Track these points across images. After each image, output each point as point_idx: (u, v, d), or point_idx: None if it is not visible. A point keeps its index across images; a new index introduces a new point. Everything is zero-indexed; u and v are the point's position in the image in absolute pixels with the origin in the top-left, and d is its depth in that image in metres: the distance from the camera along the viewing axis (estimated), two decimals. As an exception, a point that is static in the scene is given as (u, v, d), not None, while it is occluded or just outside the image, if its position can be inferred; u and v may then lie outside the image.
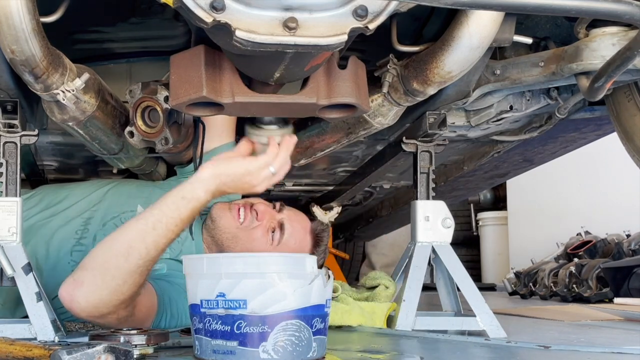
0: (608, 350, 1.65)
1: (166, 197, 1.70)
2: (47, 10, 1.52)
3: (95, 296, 1.64)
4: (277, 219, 2.08)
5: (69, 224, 2.16)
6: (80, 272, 1.67)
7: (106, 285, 1.64)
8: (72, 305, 1.66)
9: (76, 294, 1.65)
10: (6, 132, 1.81)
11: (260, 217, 2.07)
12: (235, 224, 2.08)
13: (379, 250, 6.34)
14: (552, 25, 1.93)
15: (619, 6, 1.21)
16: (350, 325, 2.10)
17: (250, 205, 2.10)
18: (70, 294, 1.65)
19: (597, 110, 2.25)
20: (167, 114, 1.82)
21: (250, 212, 2.08)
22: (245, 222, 2.07)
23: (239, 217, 2.08)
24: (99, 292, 1.64)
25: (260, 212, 2.07)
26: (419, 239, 2.07)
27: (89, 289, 1.64)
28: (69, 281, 1.67)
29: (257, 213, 2.07)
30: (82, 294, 1.64)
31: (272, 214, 2.09)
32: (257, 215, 2.07)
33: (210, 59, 1.48)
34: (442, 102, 1.94)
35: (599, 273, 4.01)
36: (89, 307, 1.65)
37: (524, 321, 2.66)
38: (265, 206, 2.10)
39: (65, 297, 1.66)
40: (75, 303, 1.65)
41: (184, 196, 1.69)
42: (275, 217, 2.09)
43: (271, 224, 2.07)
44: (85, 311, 1.66)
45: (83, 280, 1.65)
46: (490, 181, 3.44)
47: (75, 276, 1.67)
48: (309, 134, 2.07)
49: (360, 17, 1.26)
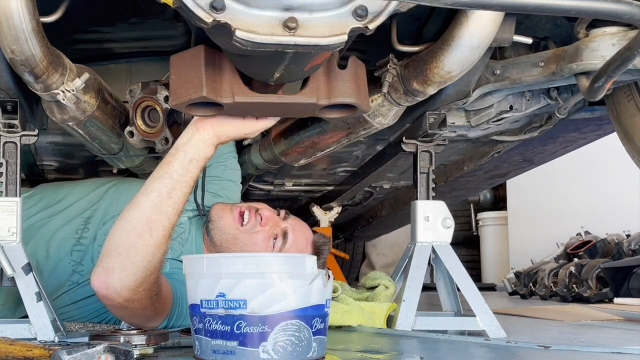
0: (608, 350, 1.65)
1: (171, 164, 1.69)
2: (47, 10, 1.52)
3: (130, 278, 1.64)
4: (281, 227, 2.07)
5: (69, 223, 2.15)
6: (107, 260, 1.65)
7: (137, 266, 1.64)
8: (108, 292, 1.65)
9: (110, 280, 1.64)
10: (6, 132, 1.81)
11: (264, 223, 2.06)
12: (235, 226, 2.07)
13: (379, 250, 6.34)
14: (552, 25, 1.93)
15: (619, 6, 1.21)
16: (350, 325, 2.10)
17: (255, 209, 2.09)
18: (105, 282, 1.64)
19: (597, 110, 2.25)
20: (167, 114, 1.82)
21: (255, 216, 2.07)
22: (247, 225, 2.06)
23: (241, 220, 2.07)
24: (132, 274, 1.64)
25: (265, 217, 2.06)
26: (419, 239, 2.07)
27: (122, 273, 1.63)
28: (98, 271, 1.65)
29: (261, 218, 2.06)
30: (116, 280, 1.63)
31: (276, 221, 2.08)
32: (262, 220, 2.06)
33: (210, 59, 1.48)
34: (442, 102, 1.94)
35: (599, 273, 4.01)
36: (125, 291, 1.65)
37: (524, 321, 2.66)
38: (270, 212, 2.09)
39: (99, 287, 1.65)
40: (111, 289, 1.64)
41: (192, 158, 1.68)
42: (279, 224, 2.07)
43: (274, 231, 2.06)
44: (122, 295, 1.65)
45: (113, 267, 1.64)
46: (490, 181, 3.44)
47: (104, 264, 1.65)
48: (309, 134, 2.07)
49: (360, 17, 1.26)
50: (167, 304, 1.84)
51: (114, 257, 1.64)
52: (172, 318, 1.88)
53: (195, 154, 1.69)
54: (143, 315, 1.77)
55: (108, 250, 1.67)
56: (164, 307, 1.82)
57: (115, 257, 1.64)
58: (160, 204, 1.66)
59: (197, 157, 1.69)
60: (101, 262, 1.66)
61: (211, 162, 2.23)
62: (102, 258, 1.67)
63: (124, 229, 1.67)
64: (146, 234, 1.64)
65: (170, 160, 1.69)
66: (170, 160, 1.69)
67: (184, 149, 1.69)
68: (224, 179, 2.37)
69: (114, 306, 1.70)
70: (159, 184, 1.68)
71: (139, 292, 1.66)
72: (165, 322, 1.88)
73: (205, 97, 1.47)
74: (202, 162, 1.70)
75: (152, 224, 1.65)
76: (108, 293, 1.65)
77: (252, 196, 3.43)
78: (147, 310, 1.75)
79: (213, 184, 2.31)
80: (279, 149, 2.23)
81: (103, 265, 1.65)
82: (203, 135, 1.69)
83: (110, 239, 1.68)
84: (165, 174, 1.68)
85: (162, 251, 1.67)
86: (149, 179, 1.71)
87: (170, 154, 1.70)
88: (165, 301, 1.82)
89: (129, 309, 1.70)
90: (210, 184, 2.27)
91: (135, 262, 1.63)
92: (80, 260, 2.09)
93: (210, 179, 2.26)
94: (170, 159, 1.69)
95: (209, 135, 1.69)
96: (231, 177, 2.41)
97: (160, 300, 1.77)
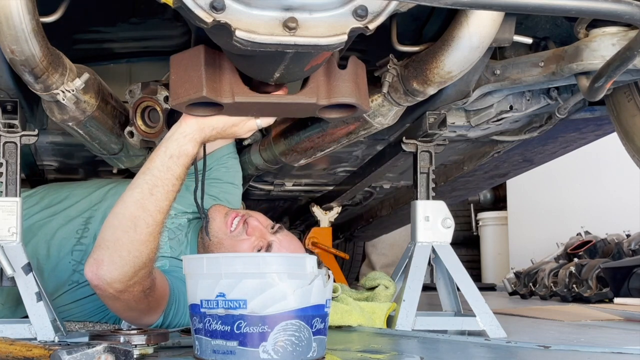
0: (608, 350, 1.64)
1: (153, 160, 1.69)
2: (47, 10, 1.52)
3: (118, 271, 1.67)
4: (267, 240, 2.03)
5: (70, 223, 2.16)
6: (98, 252, 1.70)
7: (124, 260, 1.67)
8: (99, 283, 1.70)
9: (100, 272, 1.68)
10: (6, 132, 1.82)
11: (250, 233, 2.03)
12: (224, 230, 2.05)
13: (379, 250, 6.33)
14: (552, 25, 1.93)
15: (619, 6, 1.21)
16: (350, 325, 2.10)
17: (246, 218, 2.07)
18: (95, 273, 1.69)
19: (597, 110, 2.25)
20: (167, 114, 1.81)
21: (243, 225, 2.05)
22: (234, 232, 2.05)
23: (231, 225, 2.07)
24: (120, 267, 1.67)
25: (251, 227, 2.03)
26: (419, 239, 2.07)
27: (110, 266, 1.67)
28: (90, 262, 1.70)
29: (248, 227, 2.04)
30: (105, 272, 1.68)
31: (263, 232, 2.04)
32: (248, 229, 2.04)
33: (210, 59, 1.48)
34: (442, 102, 1.94)
35: (599, 273, 4.01)
36: (115, 282, 1.69)
37: (524, 321, 2.66)
38: (259, 223, 2.05)
39: (91, 277, 1.70)
40: (101, 280, 1.69)
41: (172, 154, 1.67)
42: (266, 237, 2.04)
43: (259, 243, 2.02)
44: (113, 286, 1.69)
45: (102, 259, 1.68)
46: (490, 181, 3.44)
47: (95, 256, 1.70)
48: (309, 134, 2.07)
49: (360, 17, 1.26)
50: (163, 300, 1.85)
51: (103, 250, 1.69)
52: (169, 315, 1.89)
53: (175, 150, 1.67)
54: (137, 309, 1.80)
55: (99, 243, 1.71)
56: (159, 302, 1.84)
57: (104, 250, 1.68)
58: (143, 201, 1.67)
59: (177, 153, 1.67)
60: (93, 253, 1.71)
61: (212, 164, 2.23)
62: (94, 249, 1.71)
63: (111, 223, 1.70)
64: (130, 230, 1.67)
65: (153, 157, 1.70)
66: (153, 156, 1.70)
67: (165, 144, 1.69)
68: (224, 181, 2.36)
69: (107, 297, 1.74)
70: (141, 180, 1.69)
71: (129, 284, 1.70)
72: (161, 318, 1.88)
73: (205, 97, 1.47)
74: (182, 158, 1.67)
75: (135, 220, 1.67)
76: (99, 283, 1.70)
77: (252, 196, 3.43)
78: (140, 304, 1.78)
79: (214, 186, 2.30)
80: (279, 149, 2.22)
81: (94, 256, 1.70)
82: (184, 129, 1.67)
83: (102, 232, 1.72)
84: (147, 170, 1.69)
85: (149, 248, 1.68)
86: (137, 174, 1.72)
87: (155, 149, 1.71)
88: (160, 297, 1.83)
89: (122, 300, 1.74)
90: (211, 187, 2.26)
91: (122, 257, 1.67)
92: (81, 259, 2.09)
93: (211, 182, 2.25)
94: (153, 154, 1.70)
95: (191, 129, 1.67)
96: (232, 179, 2.41)
97: (155, 295, 1.80)
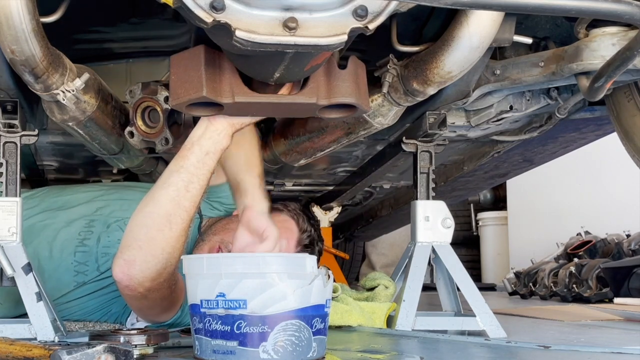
0: (608, 350, 1.64)
1: (187, 157, 1.69)
2: (47, 10, 1.52)
3: (152, 270, 1.68)
4: None
5: (72, 225, 2.17)
6: (128, 252, 1.69)
7: (158, 259, 1.68)
8: (130, 283, 1.70)
9: (132, 272, 1.69)
10: (6, 132, 1.82)
11: None
12: None
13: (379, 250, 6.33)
14: (552, 25, 1.93)
15: (619, 6, 1.21)
16: (350, 325, 2.10)
17: None
18: (126, 274, 1.69)
19: (597, 110, 2.25)
20: (167, 114, 1.82)
21: None
22: None
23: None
24: (153, 265, 1.68)
25: None
26: (419, 239, 2.07)
27: (143, 265, 1.68)
28: (119, 262, 1.70)
29: None
30: (137, 271, 1.68)
31: None
32: None
33: (210, 59, 1.48)
34: (442, 102, 1.94)
35: (599, 273, 4.01)
36: (147, 281, 1.70)
37: (524, 321, 2.66)
38: None
39: (122, 278, 1.70)
40: (133, 280, 1.69)
41: (208, 151, 1.69)
42: None
43: None
44: (144, 285, 1.70)
45: (134, 259, 1.68)
46: (490, 181, 3.44)
47: (125, 256, 1.69)
48: (309, 134, 2.07)
49: (360, 17, 1.26)
50: (182, 295, 1.87)
51: (135, 250, 1.69)
52: (185, 309, 1.90)
53: (211, 147, 1.69)
54: (161, 306, 1.82)
55: (128, 243, 1.70)
56: (179, 297, 1.86)
57: (136, 250, 1.69)
58: (179, 198, 1.68)
59: (214, 150, 1.69)
60: (122, 254, 1.70)
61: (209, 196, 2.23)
62: (122, 250, 1.71)
63: (143, 223, 1.70)
64: (166, 227, 1.67)
65: (186, 154, 1.70)
66: (186, 154, 1.70)
67: (199, 143, 1.70)
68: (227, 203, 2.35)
69: (135, 297, 1.74)
70: (176, 178, 1.69)
71: (159, 282, 1.71)
72: (179, 313, 1.90)
73: (205, 97, 1.47)
74: (218, 154, 1.70)
75: (171, 217, 1.68)
76: (131, 284, 1.70)
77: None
78: (165, 301, 1.80)
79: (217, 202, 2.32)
80: (279, 149, 2.23)
81: (124, 257, 1.70)
82: (217, 127, 1.69)
83: (131, 232, 1.72)
84: (181, 168, 1.69)
85: (181, 243, 1.71)
86: (165, 172, 1.72)
87: (185, 148, 1.71)
88: (180, 291, 1.85)
89: (149, 299, 1.75)
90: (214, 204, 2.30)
91: (156, 255, 1.68)
92: (84, 260, 2.11)
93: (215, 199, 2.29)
94: (185, 152, 1.70)
95: (223, 126, 1.69)
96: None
97: (177, 290, 1.82)
